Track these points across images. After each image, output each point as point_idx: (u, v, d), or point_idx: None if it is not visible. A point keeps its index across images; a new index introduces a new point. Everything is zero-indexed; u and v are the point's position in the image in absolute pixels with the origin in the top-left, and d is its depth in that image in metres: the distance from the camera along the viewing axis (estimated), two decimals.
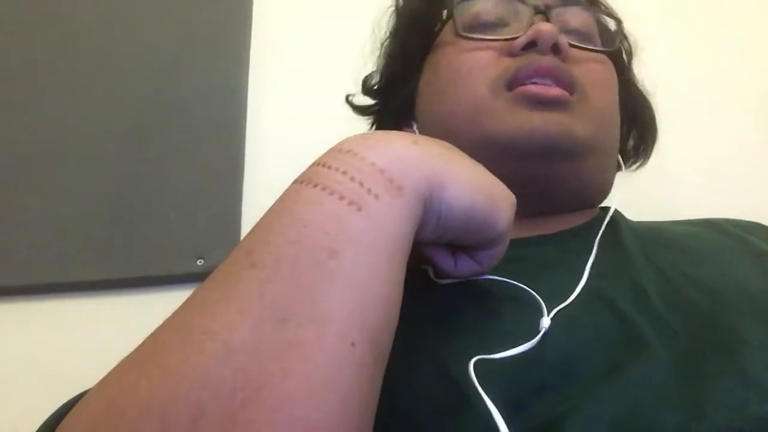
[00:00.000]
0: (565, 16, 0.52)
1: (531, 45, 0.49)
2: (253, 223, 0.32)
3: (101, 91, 0.91)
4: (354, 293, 0.28)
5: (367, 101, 0.66)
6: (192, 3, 0.97)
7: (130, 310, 0.81)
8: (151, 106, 0.90)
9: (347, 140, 0.34)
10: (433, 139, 0.37)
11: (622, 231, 0.49)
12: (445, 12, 0.55)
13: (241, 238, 0.31)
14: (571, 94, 0.48)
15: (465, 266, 0.39)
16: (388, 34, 0.65)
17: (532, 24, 0.49)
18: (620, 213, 0.55)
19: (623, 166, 0.58)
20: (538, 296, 0.38)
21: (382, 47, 0.65)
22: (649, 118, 0.63)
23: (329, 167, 0.32)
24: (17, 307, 0.82)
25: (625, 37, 0.61)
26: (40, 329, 0.81)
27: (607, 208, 0.55)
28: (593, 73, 0.51)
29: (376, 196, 0.31)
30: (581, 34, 0.53)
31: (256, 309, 0.27)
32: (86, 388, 0.29)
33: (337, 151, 0.33)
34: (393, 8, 0.65)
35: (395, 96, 0.60)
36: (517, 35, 0.50)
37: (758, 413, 0.31)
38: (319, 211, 0.30)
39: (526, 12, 0.51)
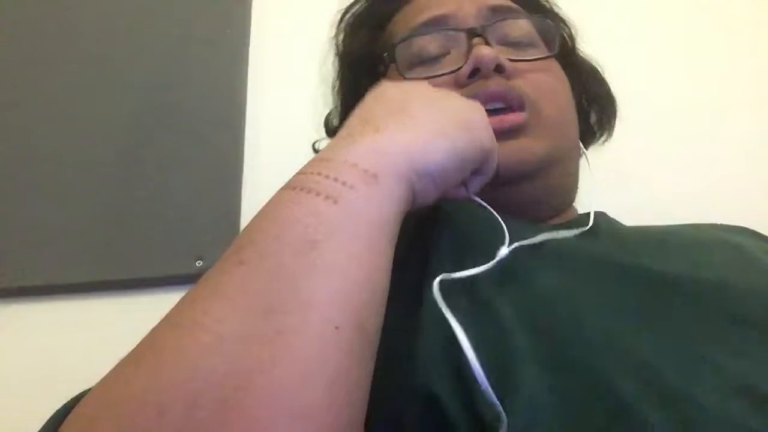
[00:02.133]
0: (503, 29, 0.53)
1: (475, 72, 0.50)
2: None
3: (101, 91, 0.91)
4: (336, 280, 0.30)
5: None
6: (191, 4, 0.97)
7: (129, 311, 0.81)
8: (151, 107, 0.91)
9: (321, 151, 0.37)
10: (389, 106, 0.39)
11: (602, 233, 0.50)
12: (386, 54, 0.56)
13: None
14: (522, 110, 0.49)
15: (476, 184, 0.43)
16: (336, 76, 0.66)
17: (471, 49, 0.50)
18: (605, 215, 0.56)
19: (586, 154, 0.59)
20: (505, 227, 0.40)
21: (333, 89, 0.67)
22: (605, 91, 0.64)
23: (306, 173, 0.34)
24: (16, 309, 0.82)
25: (565, 25, 0.62)
26: (40, 330, 0.81)
27: (588, 213, 0.56)
28: (541, 83, 0.52)
29: (352, 187, 0.33)
30: (522, 43, 0.54)
31: (243, 301, 0.28)
32: (86, 388, 0.30)
33: (313, 160, 0.36)
34: (334, 52, 0.66)
35: None
36: (460, 65, 0.51)
37: (736, 418, 0.31)
38: (299, 208, 0.32)
39: (463, 38, 0.52)
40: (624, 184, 0.82)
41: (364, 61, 0.60)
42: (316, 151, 0.70)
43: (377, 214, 0.33)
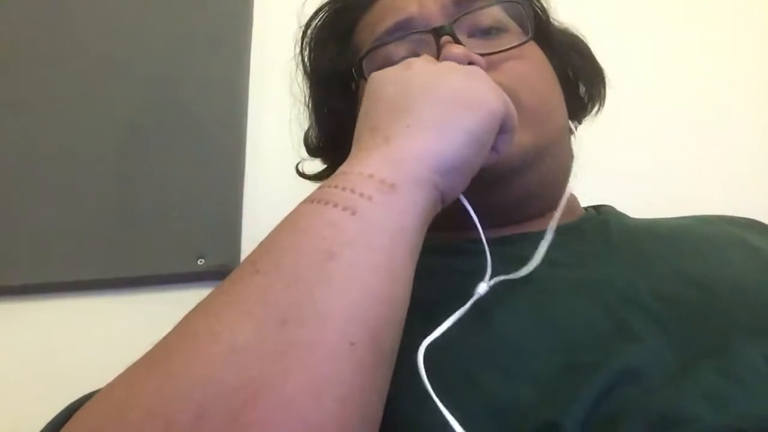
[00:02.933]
0: (470, 21, 0.51)
1: None
2: (254, 223, 0.34)
3: (102, 91, 0.91)
4: (353, 293, 0.29)
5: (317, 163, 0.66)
6: (193, 4, 0.97)
7: (130, 309, 0.81)
8: (153, 107, 0.91)
9: (339, 168, 0.36)
10: (390, 106, 0.38)
11: (612, 227, 0.49)
12: (354, 70, 0.54)
13: (242, 238, 0.32)
14: None
15: (505, 145, 0.41)
16: (308, 96, 0.64)
17: (440, 50, 0.48)
18: (613, 208, 0.55)
19: (575, 132, 0.57)
20: (489, 262, 0.39)
21: (307, 107, 0.64)
22: (589, 60, 0.61)
23: (324, 186, 0.34)
24: (18, 307, 0.82)
25: (536, 4, 0.58)
26: (42, 328, 0.81)
27: (599, 206, 0.56)
28: (518, 71, 0.49)
29: (370, 198, 0.32)
30: (494, 32, 0.51)
31: (257, 311, 0.28)
32: (88, 387, 0.30)
33: (333, 175, 0.35)
34: (301, 71, 0.63)
35: (341, 151, 0.57)
36: None
37: (748, 411, 0.31)
38: (316, 220, 0.32)
39: (430, 39, 0.49)
40: (624, 183, 0.82)
41: (334, 79, 0.57)
42: (300, 173, 0.67)
43: (397, 224, 0.32)
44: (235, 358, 0.26)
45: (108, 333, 0.79)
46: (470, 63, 0.47)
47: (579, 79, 0.60)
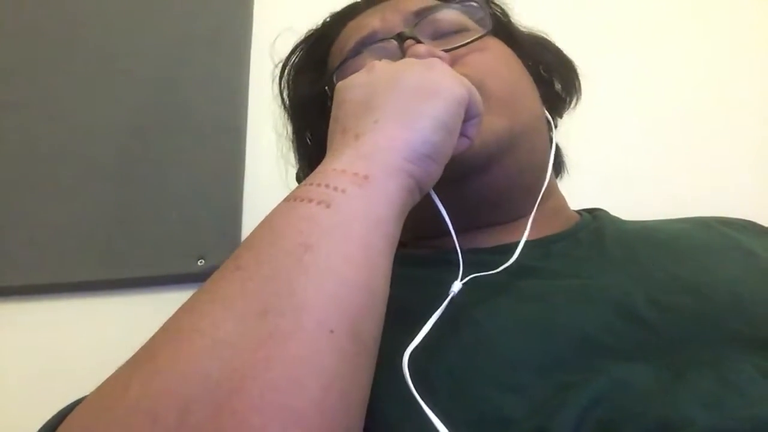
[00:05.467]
0: (431, 25, 0.52)
1: None
2: (254, 224, 0.34)
3: (102, 91, 0.91)
4: (330, 282, 0.30)
5: None
6: (193, 4, 0.97)
7: (130, 310, 0.81)
8: (153, 107, 0.91)
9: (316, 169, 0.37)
10: (356, 108, 0.39)
11: (606, 233, 0.49)
12: (327, 88, 0.55)
13: (242, 238, 0.33)
14: None
15: (473, 129, 0.42)
16: (292, 131, 0.66)
17: (405, 52, 0.49)
18: (607, 213, 0.55)
19: (554, 124, 0.58)
20: (461, 260, 0.39)
21: (293, 144, 0.66)
22: (558, 56, 0.63)
23: (301, 186, 0.35)
24: (18, 307, 0.82)
25: (494, 3, 0.60)
26: (42, 329, 0.81)
27: (592, 210, 0.56)
28: (481, 62, 0.51)
29: (343, 191, 0.33)
30: (454, 32, 0.52)
31: (238, 304, 0.28)
32: (87, 388, 0.30)
33: (309, 175, 0.36)
34: (282, 108, 0.65)
35: None
36: None
37: (743, 415, 0.31)
38: (293, 215, 0.33)
39: (394, 46, 0.51)
40: (620, 185, 0.83)
41: (313, 105, 0.59)
42: (300, 181, 0.68)
43: (372, 214, 0.33)
44: (218, 351, 0.27)
45: (108, 333, 0.79)
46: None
47: (551, 73, 0.61)
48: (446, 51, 0.49)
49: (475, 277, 0.40)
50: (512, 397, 0.33)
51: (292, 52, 0.64)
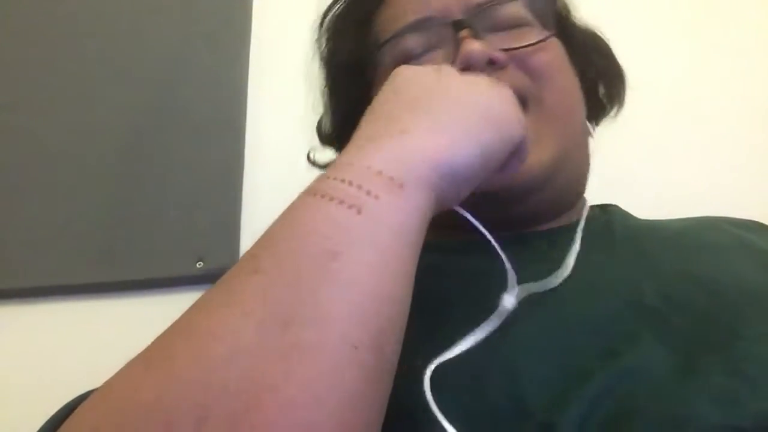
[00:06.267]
0: (491, 16, 0.50)
1: (466, 69, 0.46)
2: (253, 226, 0.33)
3: (101, 92, 0.91)
4: (356, 294, 0.28)
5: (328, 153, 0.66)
6: (192, 4, 0.97)
7: (130, 312, 0.81)
8: (152, 108, 0.90)
9: (344, 152, 0.35)
10: (412, 103, 0.37)
11: (616, 227, 0.49)
12: (371, 59, 0.54)
13: (241, 240, 0.31)
14: (524, 105, 0.45)
15: (514, 165, 0.40)
16: (324, 83, 0.63)
17: (459, 44, 0.47)
18: (619, 208, 0.55)
19: (592, 133, 0.56)
20: (512, 276, 0.37)
21: (323, 95, 0.64)
22: (609, 60, 0.60)
23: (329, 178, 0.32)
24: (17, 310, 0.82)
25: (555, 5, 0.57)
26: (41, 332, 0.81)
27: (605, 206, 0.55)
28: (540, 67, 0.49)
29: (377, 197, 0.31)
30: (515, 27, 0.50)
31: (259, 312, 0.27)
32: (86, 390, 0.29)
33: (337, 164, 0.34)
34: (320, 57, 0.63)
35: None
36: (450, 62, 0.47)
37: (753, 410, 0.30)
38: (320, 217, 0.30)
39: (450, 33, 0.49)
40: (627, 186, 0.82)
41: (352, 68, 0.57)
42: (311, 161, 0.67)
43: (402, 225, 0.32)
44: (237, 361, 0.25)
45: (108, 336, 0.78)
46: (490, 60, 0.46)
47: (599, 79, 0.59)
48: (504, 51, 0.47)
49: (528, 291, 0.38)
50: (527, 389, 0.33)
51: (335, 2, 0.61)
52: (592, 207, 0.55)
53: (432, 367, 0.31)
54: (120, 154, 0.88)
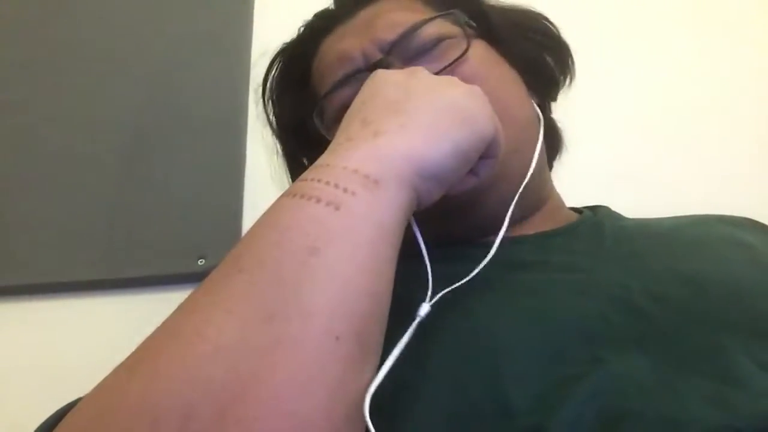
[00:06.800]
0: (409, 45, 0.50)
1: None
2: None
3: (102, 91, 0.92)
4: (337, 287, 0.29)
5: None
6: (193, 4, 0.97)
7: (131, 309, 0.81)
8: (153, 107, 0.91)
9: (321, 156, 0.36)
10: (387, 104, 0.37)
11: (606, 228, 0.49)
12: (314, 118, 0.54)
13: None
14: None
15: (486, 168, 0.41)
16: (283, 151, 0.65)
17: None
18: (608, 209, 0.55)
19: (541, 116, 0.54)
20: (430, 280, 0.37)
21: (287, 165, 0.65)
22: (548, 35, 0.59)
23: (307, 179, 0.33)
24: (18, 307, 0.83)
25: (471, 4, 0.56)
26: (42, 329, 0.81)
27: (595, 207, 0.56)
28: (467, 78, 0.46)
29: (353, 194, 0.32)
30: (437, 44, 0.50)
31: (242, 309, 0.28)
32: (87, 388, 0.30)
33: (315, 166, 0.35)
34: (270, 130, 0.64)
35: None
36: None
37: (747, 411, 0.31)
38: (299, 215, 0.31)
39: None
40: (619, 184, 0.82)
41: (300, 131, 0.58)
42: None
43: (380, 221, 0.32)
44: (222, 356, 0.26)
45: (109, 333, 0.78)
46: None
47: (543, 52, 0.59)
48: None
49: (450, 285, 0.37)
50: (510, 390, 0.33)
51: (270, 67, 0.62)
52: (581, 209, 0.56)
53: (369, 395, 0.29)
54: (122, 152, 0.88)
